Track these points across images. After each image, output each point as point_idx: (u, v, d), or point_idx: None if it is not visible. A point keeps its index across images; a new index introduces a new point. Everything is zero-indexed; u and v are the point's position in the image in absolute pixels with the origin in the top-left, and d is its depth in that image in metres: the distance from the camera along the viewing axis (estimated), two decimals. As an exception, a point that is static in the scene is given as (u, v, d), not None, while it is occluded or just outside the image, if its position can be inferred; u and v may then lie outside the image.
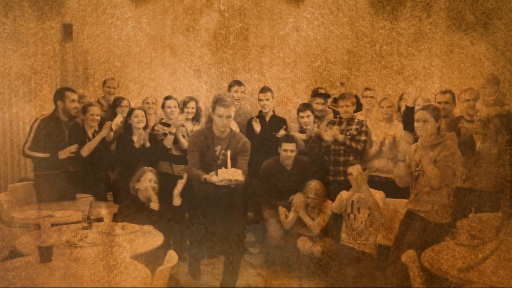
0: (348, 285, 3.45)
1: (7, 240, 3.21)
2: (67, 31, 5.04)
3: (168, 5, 5.23)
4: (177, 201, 3.54)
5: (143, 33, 5.12)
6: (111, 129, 4.04)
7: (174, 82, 5.14)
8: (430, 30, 4.99)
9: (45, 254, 2.39)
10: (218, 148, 3.46)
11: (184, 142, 4.15)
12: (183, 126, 4.24)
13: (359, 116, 4.23)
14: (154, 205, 3.40)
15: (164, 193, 3.54)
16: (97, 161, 3.98)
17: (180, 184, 3.58)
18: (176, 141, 4.13)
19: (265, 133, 4.32)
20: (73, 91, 3.98)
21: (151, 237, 2.94)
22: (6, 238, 3.24)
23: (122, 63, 5.12)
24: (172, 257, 2.54)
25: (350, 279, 3.49)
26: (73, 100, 3.93)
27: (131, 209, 3.38)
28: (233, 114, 3.41)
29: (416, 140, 3.31)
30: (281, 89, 5.10)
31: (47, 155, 3.78)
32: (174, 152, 4.17)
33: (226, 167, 3.32)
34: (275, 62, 5.24)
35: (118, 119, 4.14)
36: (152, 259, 2.79)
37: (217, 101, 3.37)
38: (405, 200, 3.24)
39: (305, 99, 4.84)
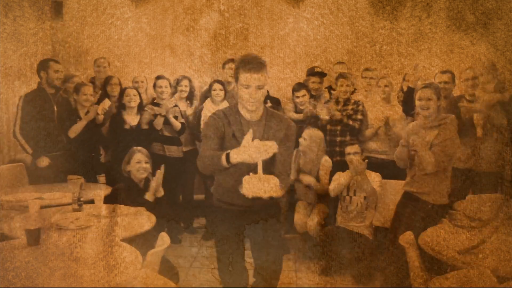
0: (345, 266, 3.45)
1: (-4, 223, 3.23)
2: (57, 9, 4.98)
3: (168, 5, 5.23)
4: (159, 192, 3.32)
5: (143, 33, 5.12)
6: (98, 113, 3.92)
7: (201, 86, 5.15)
8: (430, 30, 4.99)
9: (33, 237, 2.39)
10: (249, 134, 2.42)
11: (176, 124, 4.05)
12: (176, 106, 4.14)
13: (355, 96, 4.19)
14: (150, 196, 3.26)
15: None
16: (87, 142, 3.88)
17: (159, 175, 3.31)
18: (167, 122, 4.03)
19: None
20: (57, 62, 3.91)
21: (143, 219, 2.87)
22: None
23: (122, 63, 5.12)
24: (164, 240, 2.50)
25: (346, 261, 3.48)
26: (56, 71, 3.83)
27: (124, 191, 3.27)
28: (266, 82, 2.49)
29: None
30: (281, 89, 5.10)
31: (30, 151, 3.73)
32: (166, 133, 4.10)
33: (254, 171, 2.32)
34: (275, 62, 5.24)
35: (106, 103, 4.03)
36: (144, 241, 2.71)
37: (241, 65, 2.45)
38: (402, 182, 3.21)
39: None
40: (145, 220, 2.87)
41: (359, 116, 3.94)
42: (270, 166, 2.44)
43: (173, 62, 5.19)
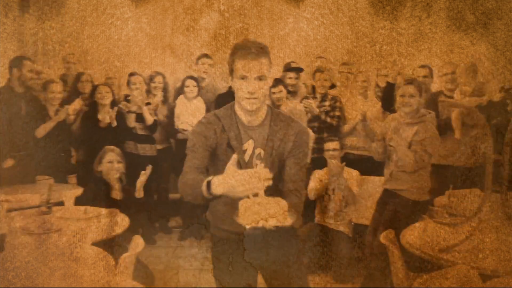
0: (345, 266, 3.43)
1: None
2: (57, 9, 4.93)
3: (168, 5, 5.23)
4: (140, 193, 3.21)
5: (143, 33, 5.12)
6: (69, 114, 3.80)
7: (174, 83, 5.14)
8: (430, 30, 4.98)
9: (-2, 242, 2.30)
10: (248, 145, 2.04)
11: (149, 118, 3.95)
12: (148, 103, 4.03)
13: (333, 92, 4.14)
14: (116, 194, 3.16)
15: (131, 175, 3.35)
16: (57, 141, 3.76)
17: (143, 176, 3.19)
18: (140, 120, 3.94)
19: None
20: (31, 61, 3.83)
21: (115, 221, 2.78)
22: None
23: (122, 63, 5.12)
24: (138, 243, 2.40)
25: (323, 262, 3.45)
26: (31, 70, 3.71)
27: (95, 192, 3.16)
28: (268, 72, 2.02)
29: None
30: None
31: None
32: (139, 131, 4.00)
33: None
34: (275, 62, 5.24)
35: (77, 104, 3.91)
36: (116, 245, 2.63)
37: (236, 51, 2.00)
38: (382, 178, 3.19)
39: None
40: (117, 222, 2.77)
41: (337, 113, 3.89)
42: (276, 183, 1.95)
43: (173, 62, 5.18)
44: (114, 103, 3.94)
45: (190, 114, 4.31)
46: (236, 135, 2.02)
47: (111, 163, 3.22)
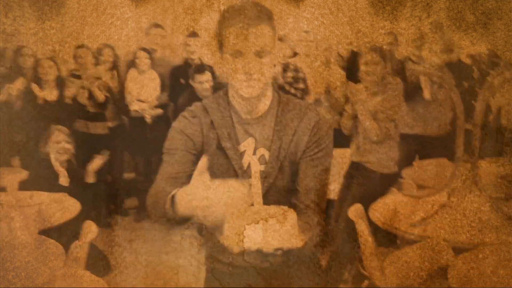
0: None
1: None
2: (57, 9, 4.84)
3: (168, 5, 5.23)
4: (90, 178, 3.01)
5: (143, 33, 5.12)
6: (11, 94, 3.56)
7: (125, 56, 5.05)
8: (430, 30, 4.99)
9: None
10: (248, 144, 1.53)
11: (100, 94, 3.71)
12: (98, 78, 3.80)
13: (295, 61, 4.03)
14: (64, 180, 2.93)
15: (80, 156, 3.17)
16: None
17: (97, 161, 3.01)
18: (91, 97, 3.71)
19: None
20: None
21: (65, 207, 2.57)
22: None
23: (122, 63, 5.13)
24: (90, 229, 2.26)
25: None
26: None
27: (41, 175, 2.92)
28: (273, 45, 1.53)
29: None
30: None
31: None
32: (90, 109, 3.77)
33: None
34: (275, 62, 5.24)
35: (19, 83, 3.63)
36: (66, 232, 2.44)
37: (227, 17, 1.57)
38: (348, 150, 3.11)
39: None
40: (67, 208, 2.57)
41: (301, 85, 3.73)
42: (287, 195, 1.51)
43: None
44: (60, 79, 3.69)
45: (142, 88, 4.07)
46: (230, 133, 1.50)
47: (58, 143, 2.97)
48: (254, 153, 1.52)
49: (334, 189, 3.26)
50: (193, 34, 4.13)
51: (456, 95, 2.75)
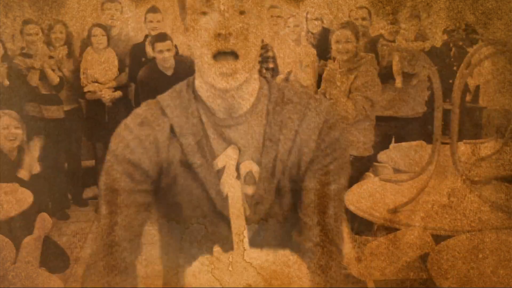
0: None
1: None
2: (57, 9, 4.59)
3: (168, 5, 5.22)
4: (35, 168, 2.80)
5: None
6: None
7: (79, 33, 4.97)
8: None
9: None
10: (226, 157, 1.02)
11: (53, 76, 3.49)
12: (51, 57, 3.60)
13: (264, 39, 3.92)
14: (24, 174, 2.74)
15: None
16: None
17: (35, 148, 2.81)
18: (43, 78, 3.51)
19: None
20: None
21: (16, 199, 2.42)
22: None
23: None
24: (45, 221, 2.15)
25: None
26: None
27: None
28: (258, 5, 1.08)
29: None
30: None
31: None
32: (43, 91, 3.57)
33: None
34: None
35: None
36: (17, 226, 2.29)
37: None
38: None
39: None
40: (19, 200, 2.42)
41: (270, 65, 3.56)
42: (286, 228, 1.13)
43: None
44: (7, 58, 3.45)
45: (99, 68, 3.81)
46: (200, 142, 1.03)
47: (7, 129, 2.78)
48: (237, 170, 1.02)
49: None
50: (153, 9, 3.87)
51: (433, 73, 2.59)
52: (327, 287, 1.21)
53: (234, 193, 0.97)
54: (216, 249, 1.25)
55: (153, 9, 3.90)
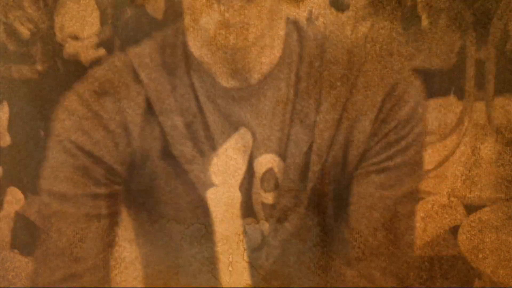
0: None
1: None
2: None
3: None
4: (4, 140, 2.46)
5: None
6: None
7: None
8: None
9: None
10: (235, 146, 0.70)
11: (22, 29, 3.11)
12: (20, 9, 3.16)
13: None
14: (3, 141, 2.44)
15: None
16: None
17: (3, 115, 2.51)
18: (11, 33, 3.11)
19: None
20: None
21: None
22: None
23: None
24: (15, 196, 1.98)
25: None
26: None
27: None
28: None
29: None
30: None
31: None
32: (11, 46, 3.28)
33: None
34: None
35: None
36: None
37: None
38: None
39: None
40: None
41: None
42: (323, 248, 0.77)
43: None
44: None
45: (77, 21, 3.66)
46: (191, 123, 0.75)
47: None
48: (250, 168, 0.71)
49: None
50: None
51: (466, 16, 2.30)
52: (327, 287, 1.02)
53: (234, 193, 0.73)
54: (217, 249, 1.05)
55: None
